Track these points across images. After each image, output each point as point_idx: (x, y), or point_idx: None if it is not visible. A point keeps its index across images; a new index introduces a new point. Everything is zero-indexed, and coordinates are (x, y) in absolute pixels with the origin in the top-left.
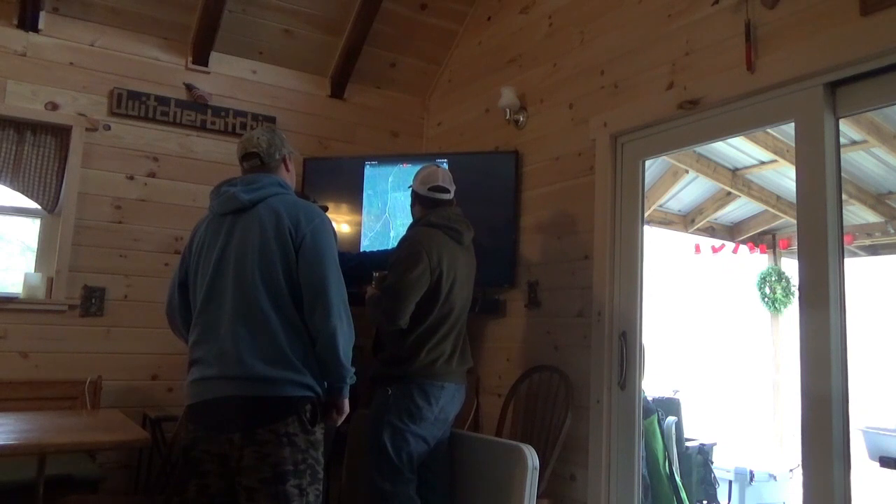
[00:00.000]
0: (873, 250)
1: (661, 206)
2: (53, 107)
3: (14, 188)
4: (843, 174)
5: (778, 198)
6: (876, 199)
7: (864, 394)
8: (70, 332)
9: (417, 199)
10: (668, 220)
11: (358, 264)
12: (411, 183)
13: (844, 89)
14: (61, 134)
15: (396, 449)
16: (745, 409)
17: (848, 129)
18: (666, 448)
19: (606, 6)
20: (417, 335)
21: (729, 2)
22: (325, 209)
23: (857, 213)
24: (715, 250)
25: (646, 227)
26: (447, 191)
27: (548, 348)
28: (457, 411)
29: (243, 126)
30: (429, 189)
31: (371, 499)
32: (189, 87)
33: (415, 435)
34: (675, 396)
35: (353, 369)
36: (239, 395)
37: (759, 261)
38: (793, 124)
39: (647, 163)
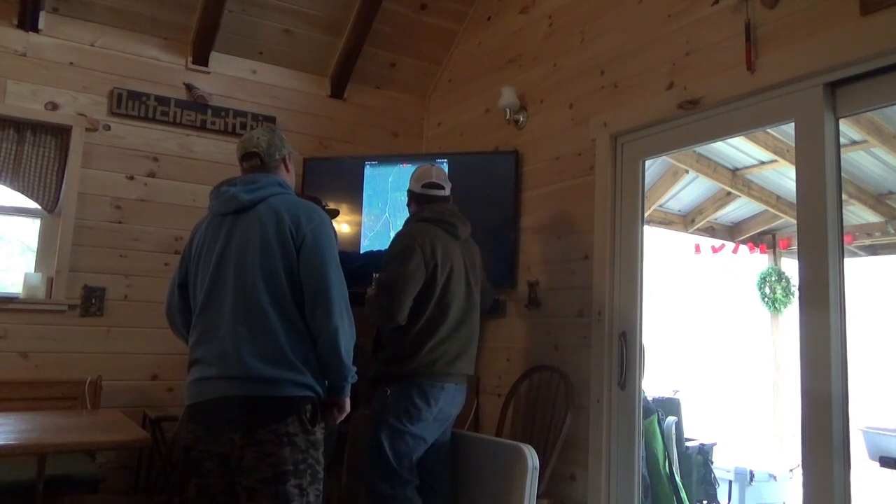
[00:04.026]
0: (873, 250)
1: (661, 206)
2: (53, 107)
3: (14, 188)
4: (843, 174)
5: (778, 198)
6: (876, 199)
7: (864, 394)
8: (70, 332)
9: (413, 198)
10: (668, 220)
11: (360, 266)
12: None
13: (844, 89)
14: (61, 134)
15: (395, 451)
16: (745, 409)
17: (848, 129)
18: (666, 448)
19: (606, 6)
20: (416, 332)
21: (729, 2)
22: (336, 213)
23: (857, 213)
24: (715, 250)
25: (646, 227)
26: (441, 187)
27: (548, 348)
28: (458, 412)
29: (243, 126)
30: (422, 186)
31: (369, 501)
32: (189, 87)
33: (413, 436)
34: (675, 396)
35: (354, 368)
36: (239, 395)
37: (759, 261)
38: (793, 124)
39: (647, 163)
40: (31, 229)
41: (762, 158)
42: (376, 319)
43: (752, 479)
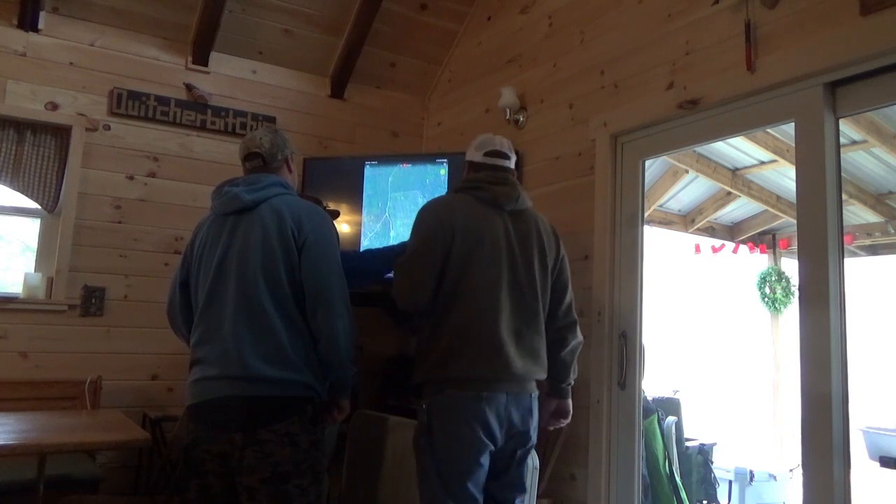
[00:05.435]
0: (873, 250)
1: (661, 206)
2: (53, 107)
3: (14, 188)
4: (843, 174)
5: (778, 198)
6: (876, 199)
7: (864, 394)
8: (70, 332)
9: (470, 168)
10: (668, 220)
11: (360, 266)
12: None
13: (844, 89)
14: (61, 134)
15: (442, 475)
16: (745, 409)
17: (848, 129)
18: (666, 448)
19: (606, 6)
20: (435, 321)
21: (729, 2)
22: (337, 214)
23: (857, 213)
24: (715, 250)
25: (646, 227)
26: (507, 157)
27: None
28: (525, 416)
29: (243, 126)
30: (484, 154)
31: None
32: (189, 87)
33: (459, 456)
34: (675, 396)
35: (354, 368)
36: (240, 396)
37: (759, 261)
38: (793, 124)
39: (647, 163)
40: (31, 229)
41: (762, 158)
42: (399, 304)
43: (752, 479)
